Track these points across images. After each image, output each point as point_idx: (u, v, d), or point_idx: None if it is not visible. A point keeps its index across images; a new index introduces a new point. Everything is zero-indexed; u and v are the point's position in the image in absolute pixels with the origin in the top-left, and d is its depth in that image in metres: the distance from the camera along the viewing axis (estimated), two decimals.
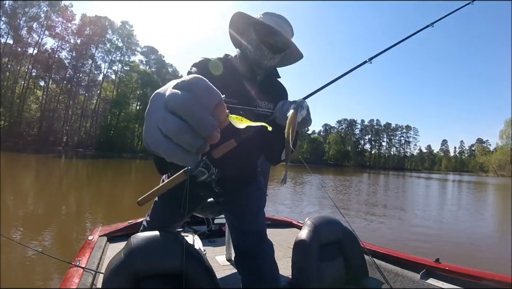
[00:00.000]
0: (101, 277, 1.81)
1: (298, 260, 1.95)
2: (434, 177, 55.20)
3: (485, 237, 8.30)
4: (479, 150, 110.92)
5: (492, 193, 26.36)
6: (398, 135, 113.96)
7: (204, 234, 3.15)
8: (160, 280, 1.32)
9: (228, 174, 1.42)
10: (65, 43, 53.17)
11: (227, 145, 1.22)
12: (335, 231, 2.07)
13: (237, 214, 1.69)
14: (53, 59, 51.25)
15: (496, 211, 15.37)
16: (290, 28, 1.44)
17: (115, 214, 7.49)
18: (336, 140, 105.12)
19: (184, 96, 0.41)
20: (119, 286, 1.23)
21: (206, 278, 1.37)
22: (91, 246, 2.35)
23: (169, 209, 1.65)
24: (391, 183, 30.10)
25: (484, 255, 6.29)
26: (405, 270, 2.09)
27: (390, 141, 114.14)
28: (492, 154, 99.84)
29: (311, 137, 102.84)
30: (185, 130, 0.41)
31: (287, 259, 2.45)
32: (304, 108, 1.10)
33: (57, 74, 52.63)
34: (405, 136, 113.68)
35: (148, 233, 1.39)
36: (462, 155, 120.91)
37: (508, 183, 45.96)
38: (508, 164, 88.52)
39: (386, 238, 6.98)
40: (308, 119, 1.20)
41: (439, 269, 1.96)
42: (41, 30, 49.24)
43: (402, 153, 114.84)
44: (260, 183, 1.75)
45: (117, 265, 1.26)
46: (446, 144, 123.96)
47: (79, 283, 1.67)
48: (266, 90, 1.50)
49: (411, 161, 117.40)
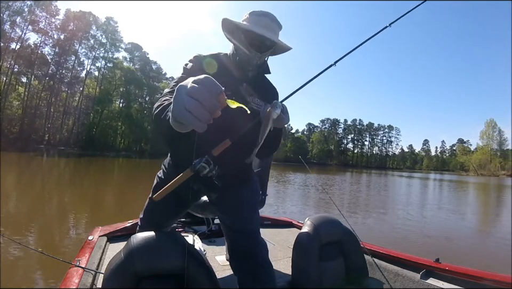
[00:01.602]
0: (101, 277, 1.82)
1: (298, 260, 1.96)
2: (416, 176, 56.22)
3: (468, 231, 8.95)
4: (460, 150, 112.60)
5: (472, 191, 27.39)
6: (380, 134, 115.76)
7: (204, 234, 3.13)
8: (160, 280, 1.33)
9: (220, 173, 1.48)
10: (48, 38, 51.75)
11: (223, 144, 1.33)
12: (335, 231, 2.08)
13: (228, 213, 1.72)
14: (35, 55, 49.89)
15: (478, 207, 16.17)
16: (277, 24, 1.51)
17: (101, 214, 7.65)
18: (319, 139, 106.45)
19: (199, 87, 0.76)
20: (119, 286, 1.24)
21: (206, 278, 1.39)
22: (91, 246, 2.35)
23: (163, 204, 1.66)
24: (374, 181, 30.64)
25: (466, 250, 6.71)
26: (405, 270, 2.09)
27: (372, 140, 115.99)
28: (473, 154, 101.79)
29: (295, 136, 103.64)
30: (199, 108, 0.75)
31: (287, 259, 2.51)
32: (278, 108, 1.28)
33: (39, 70, 51.33)
34: (387, 136, 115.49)
35: (148, 233, 1.40)
36: (443, 155, 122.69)
37: (488, 182, 47.58)
38: (488, 164, 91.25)
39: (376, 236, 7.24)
40: (284, 117, 1.35)
41: (439, 269, 1.97)
42: (25, 24, 47.76)
43: (384, 152, 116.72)
44: (253, 183, 1.78)
45: (117, 265, 1.28)
46: (427, 143, 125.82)
47: (79, 283, 1.68)
48: (258, 87, 1.59)
49: (393, 160, 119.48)
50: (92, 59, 57.79)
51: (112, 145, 58.15)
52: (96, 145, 50.84)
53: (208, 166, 1.30)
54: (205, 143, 1.31)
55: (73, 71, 55.91)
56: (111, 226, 2.85)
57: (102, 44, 58.46)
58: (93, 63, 58.22)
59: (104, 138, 57.12)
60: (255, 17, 1.47)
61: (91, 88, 58.05)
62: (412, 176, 51.34)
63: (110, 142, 59.04)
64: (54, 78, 52.88)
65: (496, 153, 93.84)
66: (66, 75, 55.30)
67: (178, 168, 1.56)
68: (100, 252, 2.26)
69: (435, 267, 1.97)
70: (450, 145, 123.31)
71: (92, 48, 57.47)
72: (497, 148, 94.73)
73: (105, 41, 58.77)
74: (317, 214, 2.17)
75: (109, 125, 58.40)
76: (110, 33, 58.66)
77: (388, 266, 2.17)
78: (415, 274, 2.01)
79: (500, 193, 26.29)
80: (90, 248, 2.28)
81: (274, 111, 1.26)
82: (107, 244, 2.54)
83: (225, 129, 1.31)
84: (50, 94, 52.39)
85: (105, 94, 56.50)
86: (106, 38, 58.78)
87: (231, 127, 1.32)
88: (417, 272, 2.01)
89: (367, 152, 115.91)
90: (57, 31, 52.63)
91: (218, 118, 0.84)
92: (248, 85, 1.54)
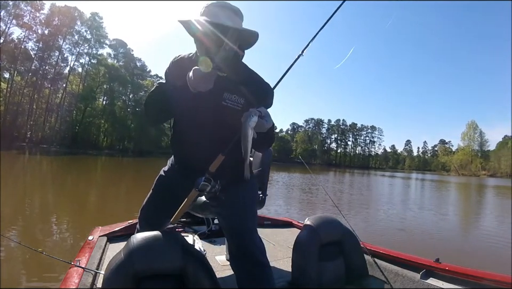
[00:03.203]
0: (101, 277, 1.82)
1: (298, 260, 1.95)
2: (398, 175, 57.10)
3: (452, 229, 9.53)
4: (442, 150, 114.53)
5: (453, 190, 28.67)
6: (363, 135, 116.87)
7: (204, 234, 3.11)
8: (160, 280, 1.33)
9: (223, 185, 1.50)
10: (32, 33, 50.54)
11: (218, 159, 1.45)
12: (335, 231, 2.06)
13: (226, 212, 1.70)
14: (19, 50, 48.57)
15: (460, 205, 17.18)
16: (232, 11, 1.48)
17: (87, 215, 7.68)
18: (303, 139, 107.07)
19: (192, 72, 1.36)
20: (119, 286, 1.24)
21: (206, 278, 1.38)
22: (91, 246, 2.34)
23: (162, 203, 1.71)
24: (357, 181, 31.16)
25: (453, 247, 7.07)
26: (405, 269, 2.09)
27: (355, 140, 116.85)
28: (454, 155, 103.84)
29: (279, 136, 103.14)
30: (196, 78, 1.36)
31: (287, 259, 2.47)
32: (254, 115, 1.32)
33: (22, 66, 50.23)
34: (370, 136, 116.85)
35: (148, 233, 1.39)
36: (425, 155, 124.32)
37: (468, 182, 48.48)
38: (469, 164, 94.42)
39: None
40: (264, 122, 1.38)
41: (439, 269, 1.96)
42: (9, 18, 46.48)
43: (367, 152, 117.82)
44: (250, 184, 1.74)
45: (117, 265, 1.27)
46: (409, 144, 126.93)
47: (79, 283, 1.67)
48: (238, 83, 1.55)
49: (376, 160, 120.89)
50: (75, 55, 56.62)
51: (95, 143, 57.34)
52: (78, 143, 50.28)
53: (209, 183, 1.42)
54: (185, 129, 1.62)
55: (57, 67, 54.81)
56: (111, 226, 2.85)
57: (87, 40, 57.38)
58: (77, 59, 57.10)
59: (87, 136, 56.27)
60: (206, 9, 1.48)
61: (74, 85, 56.97)
62: (394, 176, 51.73)
63: (93, 140, 58.25)
64: (37, 74, 51.86)
65: (477, 154, 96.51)
66: (50, 71, 54.22)
67: (178, 163, 1.72)
68: (100, 252, 2.26)
69: (435, 267, 1.98)
70: (432, 146, 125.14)
71: (76, 44, 56.37)
72: (478, 149, 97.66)
73: (90, 37, 57.71)
74: (316, 214, 2.16)
75: (92, 123, 57.65)
76: (95, 29, 57.53)
77: (388, 266, 2.17)
78: (415, 274, 2.02)
79: (481, 192, 28.04)
80: (90, 248, 2.28)
81: (251, 120, 1.31)
82: (107, 244, 2.54)
83: (194, 117, 1.56)
84: (33, 91, 51.40)
85: (88, 91, 55.71)
86: (91, 34, 57.69)
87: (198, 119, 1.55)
88: (417, 272, 2.02)
89: (350, 152, 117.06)
90: (42, 25, 51.47)
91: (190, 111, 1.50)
92: (224, 82, 1.50)
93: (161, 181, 1.76)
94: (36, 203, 8.62)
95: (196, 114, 1.55)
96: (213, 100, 1.52)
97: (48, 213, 7.48)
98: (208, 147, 1.52)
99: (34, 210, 7.81)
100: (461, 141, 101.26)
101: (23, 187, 11.39)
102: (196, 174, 1.48)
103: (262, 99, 1.57)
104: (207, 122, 1.53)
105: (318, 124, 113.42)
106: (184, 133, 1.64)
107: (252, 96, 1.55)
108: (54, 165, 24.01)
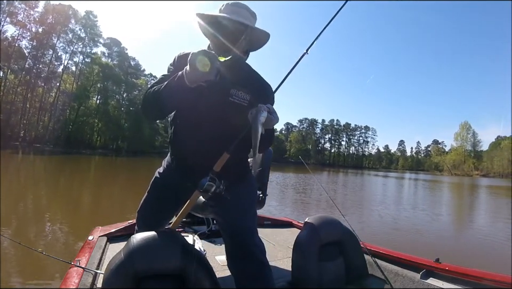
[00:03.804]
0: (101, 277, 1.81)
1: (298, 260, 1.95)
2: (392, 175, 56.95)
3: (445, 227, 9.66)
4: (435, 151, 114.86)
5: (446, 190, 28.92)
6: (357, 135, 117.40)
7: (204, 234, 3.10)
8: (160, 280, 1.32)
9: (227, 185, 1.48)
10: (26, 31, 49.85)
11: (222, 158, 1.41)
12: (335, 231, 2.06)
13: (224, 213, 1.69)
14: (12, 48, 47.85)
15: (452, 205, 17.30)
16: (249, 13, 1.52)
17: (81, 215, 7.67)
18: (297, 139, 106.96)
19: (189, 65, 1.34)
20: (119, 286, 1.24)
21: (206, 278, 1.38)
22: (91, 246, 2.33)
23: (160, 203, 1.70)
24: (350, 181, 31.22)
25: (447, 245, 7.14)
26: (405, 269, 2.09)
27: (349, 140, 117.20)
28: (447, 155, 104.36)
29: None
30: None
31: (287, 259, 2.47)
32: (264, 110, 1.33)
33: (16, 64, 49.57)
34: (363, 136, 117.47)
35: (148, 233, 1.39)
36: (418, 155, 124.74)
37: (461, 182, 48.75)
38: (462, 164, 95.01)
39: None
40: (272, 118, 1.40)
41: (439, 269, 1.96)
42: (3, 16, 45.95)
43: (360, 152, 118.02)
44: (249, 184, 1.74)
45: (117, 265, 1.27)
46: (403, 144, 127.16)
47: (79, 283, 1.67)
48: (243, 80, 1.56)
49: (369, 160, 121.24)
50: (69, 54, 56.16)
51: (89, 143, 56.86)
52: (72, 143, 49.57)
53: (214, 182, 1.40)
54: (188, 127, 1.56)
55: (51, 65, 54.27)
56: (111, 226, 2.84)
57: (81, 38, 56.85)
58: (71, 57, 56.59)
59: (81, 136, 55.75)
60: (225, 7, 1.51)
61: (68, 84, 56.45)
62: (387, 176, 51.94)
63: (87, 139, 57.82)
64: (31, 73, 51.26)
65: (470, 154, 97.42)
66: (44, 70, 53.64)
67: (174, 160, 1.66)
68: (100, 252, 2.26)
69: (435, 267, 1.98)
70: (425, 146, 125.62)
71: (70, 42, 55.82)
72: (471, 149, 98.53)
73: (84, 36, 57.16)
74: (317, 214, 2.17)
75: (85, 122, 57.10)
76: (89, 28, 57.01)
77: (388, 266, 2.17)
78: (415, 274, 2.02)
79: (474, 191, 28.28)
80: (90, 248, 2.28)
81: (261, 115, 1.34)
82: (107, 244, 2.53)
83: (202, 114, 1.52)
84: (26, 89, 50.86)
85: (82, 89, 55.15)
86: (85, 32, 57.13)
87: (206, 115, 1.51)
88: (417, 272, 2.02)
89: (344, 151, 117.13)
90: (36, 24, 50.80)
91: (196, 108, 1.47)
92: (232, 77, 1.51)
93: (158, 182, 1.73)
94: (31, 204, 8.56)
95: (199, 110, 1.52)
96: (220, 96, 1.51)
97: (43, 213, 7.44)
98: (209, 145, 1.50)
99: (29, 210, 7.77)
100: (454, 141, 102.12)
101: (17, 187, 11.28)
102: (196, 174, 1.46)
103: (266, 98, 1.57)
104: (210, 119, 1.51)
105: (312, 124, 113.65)
106: (186, 130, 1.60)
107: (257, 93, 1.56)
108: (48, 165, 23.86)
